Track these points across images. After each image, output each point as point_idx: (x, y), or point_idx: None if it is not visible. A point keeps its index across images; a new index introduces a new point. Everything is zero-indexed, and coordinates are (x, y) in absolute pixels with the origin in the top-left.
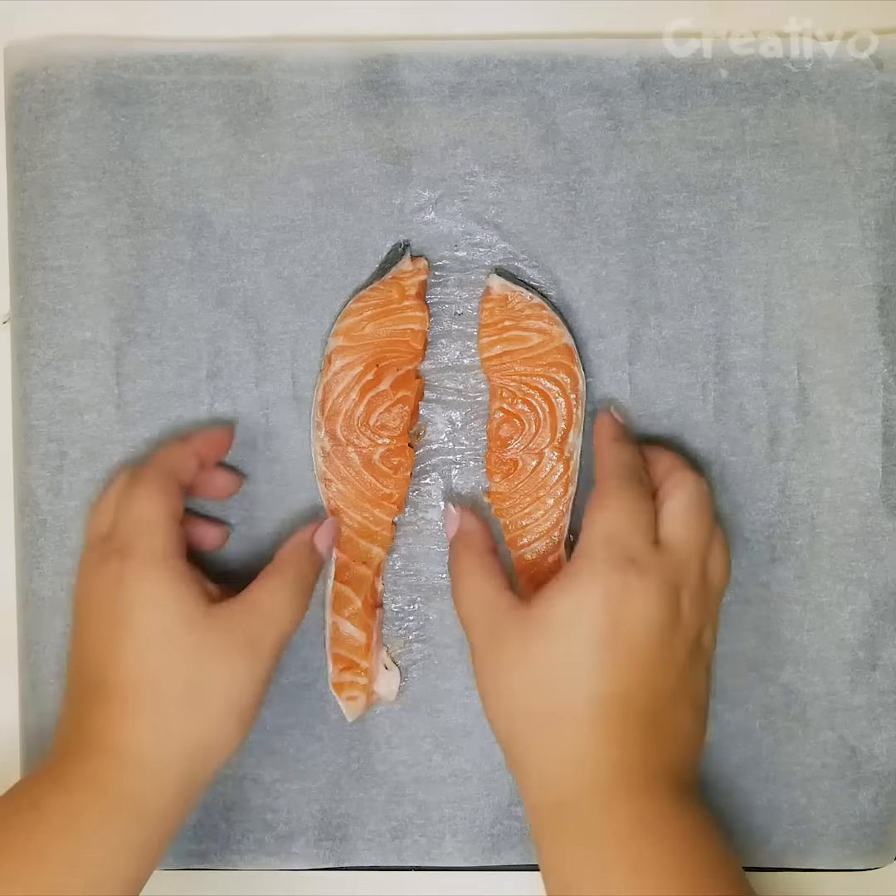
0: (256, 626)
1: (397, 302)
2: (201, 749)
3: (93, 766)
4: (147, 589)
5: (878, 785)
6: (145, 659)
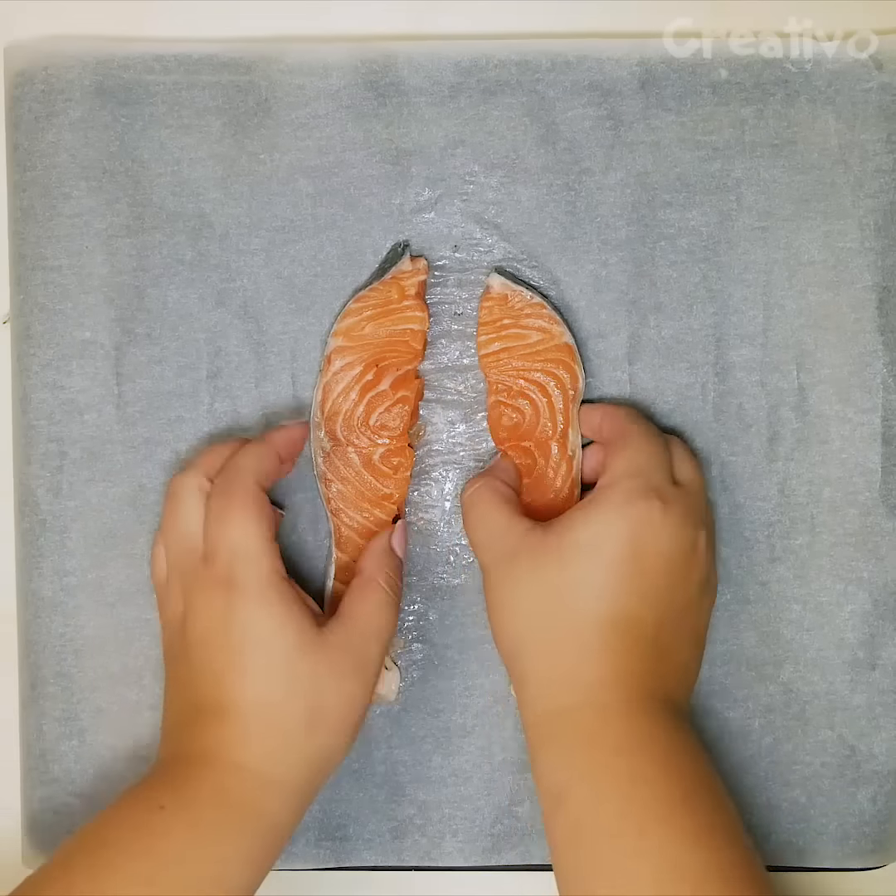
0: (364, 644)
1: (397, 302)
2: (318, 763)
3: (215, 780)
4: (260, 618)
5: (877, 784)
6: (265, 684)
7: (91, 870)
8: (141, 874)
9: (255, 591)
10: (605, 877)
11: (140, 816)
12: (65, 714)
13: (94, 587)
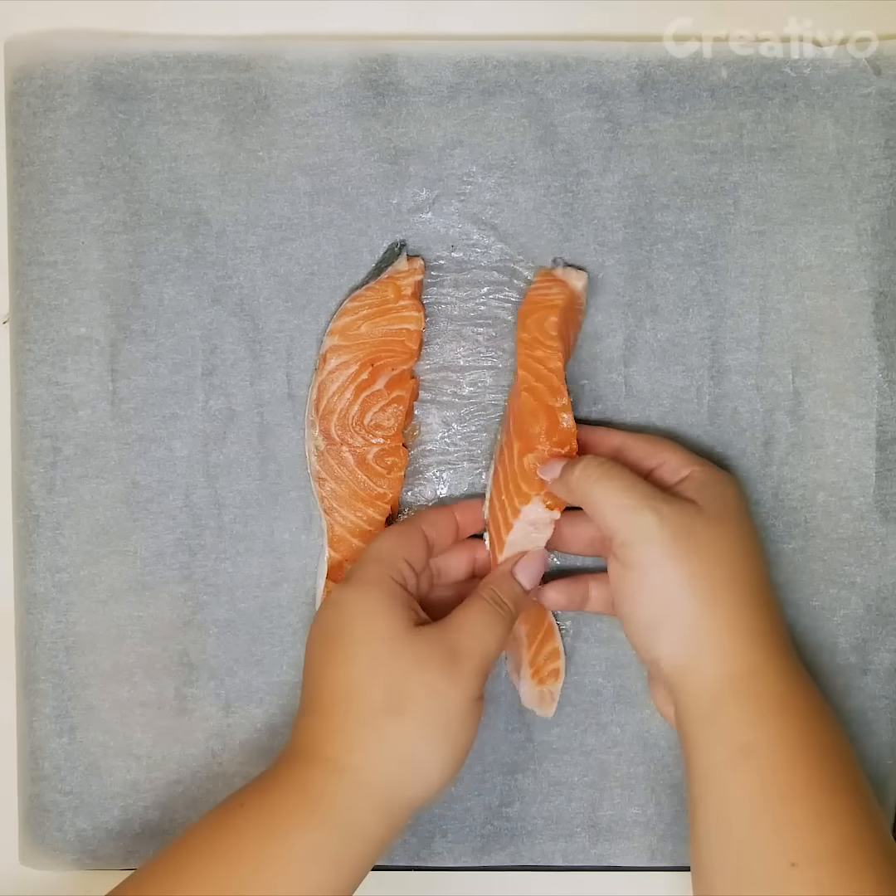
0: (458, 644)
1: (393, 302)
2: (402, 758)
3: (298, 774)
4: (360, 607)
5: None
6: (350, 672)
7: (175, 873)
8: (217, 876)
9: (358, 584)
10: (790, 828)
11: (220, 817)
12: (55, 711)
13: (87, 584)
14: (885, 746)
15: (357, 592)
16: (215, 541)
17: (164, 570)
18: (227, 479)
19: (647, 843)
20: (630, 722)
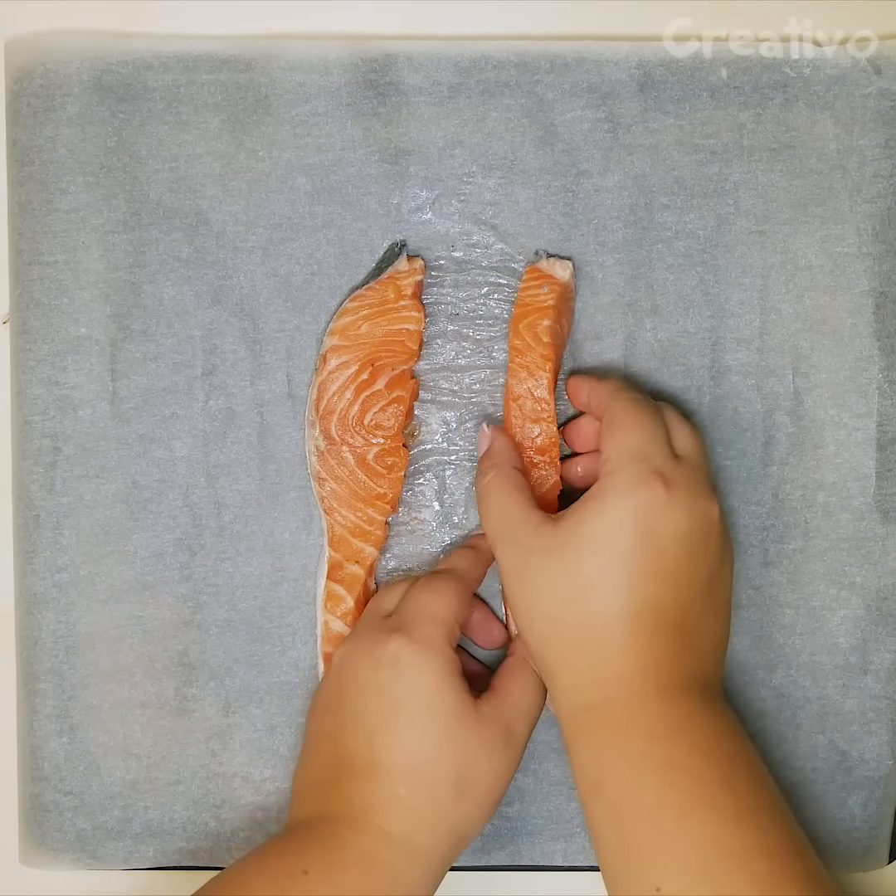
0: (513, 722)
1: (393, 302)
2: (460, 836)
3: (362, 846)
4: (426, 676)
5: (868, 790)
6: (420, 746)
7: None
8: None
9: (425, 649)
10: (647, 856)
11: (283, 882)
12: (55, 711)
13: (87, 584)
14: (886, 747)
15: (422, 657)
16: (215, 541)
17: (164, 570)
18: (228, 479)
19: None
20: None
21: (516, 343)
